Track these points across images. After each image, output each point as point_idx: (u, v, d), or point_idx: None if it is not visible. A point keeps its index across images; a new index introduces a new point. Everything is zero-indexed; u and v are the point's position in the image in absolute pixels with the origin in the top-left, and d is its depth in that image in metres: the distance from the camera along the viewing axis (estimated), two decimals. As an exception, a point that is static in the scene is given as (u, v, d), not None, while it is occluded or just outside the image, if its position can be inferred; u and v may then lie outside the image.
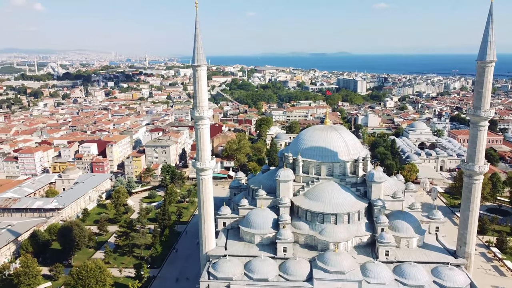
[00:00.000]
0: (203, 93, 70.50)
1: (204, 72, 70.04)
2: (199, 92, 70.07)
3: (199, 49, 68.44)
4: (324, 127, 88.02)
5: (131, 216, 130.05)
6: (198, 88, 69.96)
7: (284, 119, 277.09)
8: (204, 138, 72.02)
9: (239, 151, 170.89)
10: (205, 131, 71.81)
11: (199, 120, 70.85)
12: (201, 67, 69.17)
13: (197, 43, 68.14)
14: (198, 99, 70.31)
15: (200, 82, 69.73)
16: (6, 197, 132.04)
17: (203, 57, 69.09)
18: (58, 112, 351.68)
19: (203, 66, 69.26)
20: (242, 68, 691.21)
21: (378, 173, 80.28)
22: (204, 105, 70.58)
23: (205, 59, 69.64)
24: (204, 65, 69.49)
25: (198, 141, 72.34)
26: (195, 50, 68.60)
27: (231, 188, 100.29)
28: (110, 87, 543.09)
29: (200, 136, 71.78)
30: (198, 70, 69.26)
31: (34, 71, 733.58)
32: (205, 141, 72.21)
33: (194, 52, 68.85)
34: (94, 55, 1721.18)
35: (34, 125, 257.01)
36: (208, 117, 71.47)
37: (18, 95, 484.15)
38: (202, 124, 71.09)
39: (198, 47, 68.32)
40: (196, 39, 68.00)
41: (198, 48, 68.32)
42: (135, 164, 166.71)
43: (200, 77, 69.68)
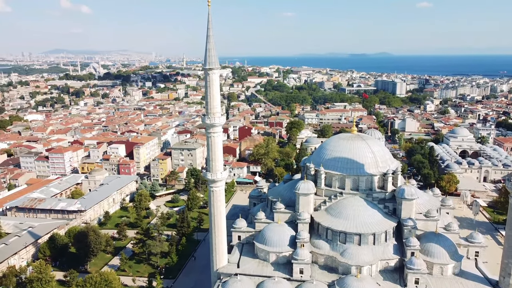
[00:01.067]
0: (215, 99, 65.31)
1: (216, 76, 64.85)
2: (211, 97, 64.97)
3: (211, 51, 63.31)
4: (350, 136, 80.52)
5: (152, 221, 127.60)
6: (210, 93, 64.87)
7: (317, 122, 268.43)
8: (216, 147, 66.78)
9: (266, 156, 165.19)
10: (216, 140, 66.55)
11: (210, 127, 65.73)
12: (213, 70, 64.03)
13: (209, 45, 63.03)
14: (209, 105, 65.22)
15: (212, 86, 64.59)
16: (32, 197, 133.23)
17: (216, 60, 63.92)
18: (95, 111, 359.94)
19: (215, 69, 64.10)
20: (278, 69, 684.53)
21: (409, 188, 71.98)
22: (216, 111, 65.40)
23: (218, 62, 64.45)
24: (216, 68, 64.30)
25: (209, 150, 67.24)
26: (206, 52, 63.54)
27: (250, 198, 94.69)
28: (147, 87, 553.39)
29: (212, 145, 66.61)
30: (210, 74, 64.16)
31: (77, 71, 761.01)
32: (216, 151, 66.97)
33: (205, 55, 63.80)
34: (135, 56, 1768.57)
35: (70, 124, 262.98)
36: (220, 125, 66.21)
37: (61, 94, 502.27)
38: (214, 132, 65.89)
39: (210, 49, 63.19)
40: (208, 41, 62.89)
41: (210, 50, 63.21)
42: (161, 167, 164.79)
43: (212, 82, 64.54)
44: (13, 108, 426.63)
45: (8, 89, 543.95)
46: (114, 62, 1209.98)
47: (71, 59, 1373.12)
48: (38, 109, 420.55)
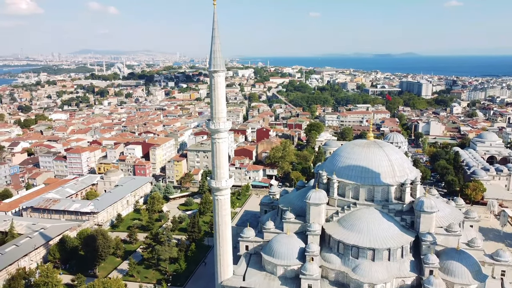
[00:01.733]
0: (221, 103, 62.07)
1: (222, 79, 61.61)
2: (216, 101, 61.77)
3: (216, 53, 60.13)
4: (365, 142, 75.82)
5: (164, 224, 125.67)
6: (215, 97, 61.68)
7: (338, 124, 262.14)
8: (221, 154, 63.53)
9: (283, 159, 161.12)
10: (221, 146, 63.27)
11: (215, 133, 62.53)
12: (218, 73, 60.82)
13: (214, 46, 59.86)
14: (214, 110, 62.05)
15: (217, 90, 61.39)
16: (47, 198, 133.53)
17: (221, 62, 60.70)
18: (117, 111, 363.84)
19: (220, 72, 60.87)
20: (301, 69, 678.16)
21: (429, 201, 66.86)
22: (221, 116, 62.15)
23: (223, 64, 61.23)
24: (222, 71, 61.06)
25: (214, 157, 64.07)
26: (211, 54, 60.43)
27: (261, 205, 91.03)
28: (170, 87, 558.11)
29: (216, 152, 63.41)
30: (215, 77, 61.01)
31: (102, 71, 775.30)
32: (221, 157, 63.72)
33: (210, 56, 60.72)
34: (160, 56, 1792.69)
35: (91, 124, 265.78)
36: (225, 130, 62.91)
37: (86, 94, 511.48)
38: (219, 138, 62.65)
39: (215, 51, 60.01)
40: (213, 42, 59.75)
41: (215, 51, 60.04)
42: (176, 169, 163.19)
43: (217, 85, 61.34)
44: (40, 107, 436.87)
45: (36, 88, 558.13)
46: (139, 62, 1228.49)
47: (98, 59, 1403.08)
48: (63, 108, 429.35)
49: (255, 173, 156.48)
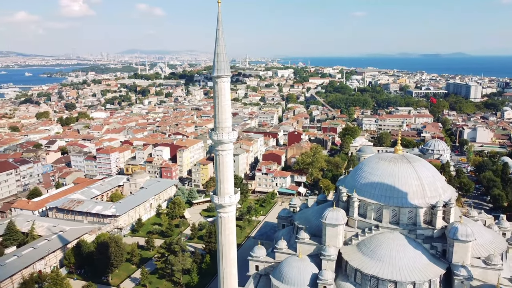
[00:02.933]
0: (225, 111, 56.15)
1: (226, 84, 55.68)
2: (219, 109, 55.97)
3: (221, 56, 54.21)
4: (392, 156, 67.25)
5: (184, 231, 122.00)
6: (219, 104, 55.86)
7: (375, 128, 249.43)
8: (224, 167, 57.62)
9: (312, 165, 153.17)
10: (225, 159, 57.33)
11: (218, 144, 56.71)
12: (222, 78, 54.86)
13: (218, 48, 53.98)
14: (218, 119, 56.23)
15: (221, 97, 55.52)
16: (72, 199, 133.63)
17: (226, 66, 54.74)
18: (155, 110, 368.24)
19: (224, 77, 54.89)
20: (342, 69, 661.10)
21: (464, 227, 57.64)
22: (225, 126, 56.19)
23: (228, 69, 55.24)
24: (226, 76, 55.07)
25: (217, 171, 58.29)
26: (215, 57, 54.61)
27: (279, 219, 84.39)
28: (209, 87, 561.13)
29: (220, 165, 57.59)
30: (218, 82, 55.12)
31: (145, 70, 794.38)
32: (225, 171, 57.82)
33: (214, 60, 54.95)
34: (203, 56, 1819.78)
35: (127, 124, 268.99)
36: (230, 142, 56.89)
37: (128, 93, 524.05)
38: (222, 150, 56.74)
39: (219, 54, 54.11)
40: (217, 43, 53.88)
41: (219, 54, 54.15)
42: (202, 172, 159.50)
43: (221, 91, 55.43)
44: (85, 105, 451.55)
45: (83, 87, 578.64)
46: (182, 62, 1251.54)
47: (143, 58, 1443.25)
48: (106, 107, 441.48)
49: (282, 180, 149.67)
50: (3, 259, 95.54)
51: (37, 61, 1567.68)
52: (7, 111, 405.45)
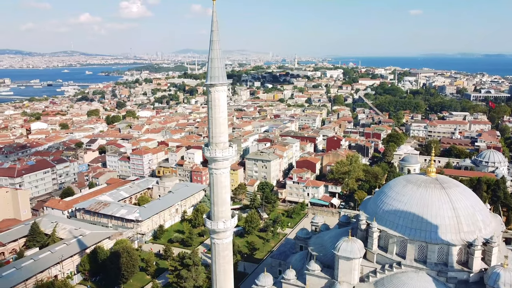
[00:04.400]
0: (219, 124, 49.13)
1: (221, 94, 48.61)
2: (213, 122, 49.06)
3: (215, 62, 47.31)
4: (423, 180, 56.89)
5: (206, 240, 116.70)
6: (212, 116, 48.96)
7: (424, 135, 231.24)
8: (219, 189, 50.56)
9: (348, 175, 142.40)
10: (220, 179, 50.23)
11: (211, 162, 49.85)
12: (216, 87, 47.87)
13: (212, 53, 47.15)
14: (212, 133, 49.37)
15: (214, 108, 48.56)
16: (99, 201, 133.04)
17: (221, 73, 47.70)
18: (198, 110, 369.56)
19: (218, 86, 47.86)
20: (395, 70, 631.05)
21: (509, 275, 46.58)
22: (219, 141, 49.16)
23: (224, 76, 48.21)
24: (221, 84, 48.03)
25: (211, 192, 51.50)
26: (208, 62, 47.82)
27: (297, 239, 76.22)
28: (256, 87, 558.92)
29: (213, 185, 50.68)
30: (212, 92, 48.24)
31: (194, 70, 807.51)
32: (220, 193, 50.75)
33: (207, 66, 48.18)
34: (253, 55, 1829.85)
35: (169, 123, 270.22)
36: (225, 159, 49.76)
37: (177, 92, 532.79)
38: (216, 168, 49.76)
39: (214, 59, 47.24)
40: (211, 47, 47.08)
41: (213, 60, 47.29)
42: (232, 178, 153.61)
43: (215, 102, 48.45)
44: (135, 104, 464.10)
45: (135, 85, 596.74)
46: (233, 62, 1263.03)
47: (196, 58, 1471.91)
48: (154, 106, 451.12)
49: (314, 190, 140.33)
50: (20, 262, 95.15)
51: (97, 60, 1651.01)
52: (63, 108, 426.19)
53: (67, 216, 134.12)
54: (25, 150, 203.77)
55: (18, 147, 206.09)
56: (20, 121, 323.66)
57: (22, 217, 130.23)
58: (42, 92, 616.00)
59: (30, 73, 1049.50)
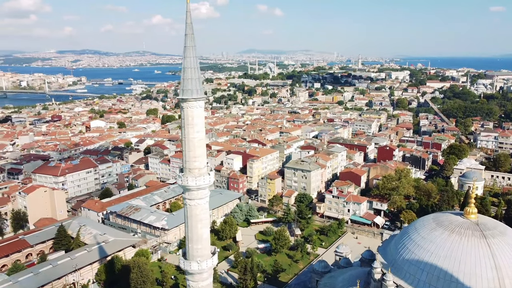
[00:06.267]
0: (194, 147, 41.07)
1: (196, 111, 40.55)
2: (186, 144, 41.17)
3: (189, 72, 39.40)
4: (459, 222, 44.34)
5: (231, 256, 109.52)
6: (186, 136, 41.08)
7: (494, 147, 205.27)
8: (193, 223, 42.54)
9: (396, 191, 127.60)
10: (195, 212, 42.19)
11: (185, 191, 41.96)
12: (189, 102, 39.85)
13: (186, 62, 39.26)
14: (185, 157, 41.50)
15: (187, 127, 40.64)
16: (131, 205, 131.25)
17: (196, 86, 39.66)
18: (252, 111, 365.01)
19: (191, 101, 39.80)
20: (468, 72, 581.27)
21: None
22: (194, 167, 41.10)
23: (200, 90, 40.13)
24: (194, 99, 39.93)
25: (186, 226, 43.64)
26: (182, 73, 39.93)
27: (313, 273, 66.05)
28: (315, 88, 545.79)
29: (188, 218, 42.81)
30: (184, 108, 40.36)
31: (255, 70, 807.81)
32: (194, 228, 42.77)
33: (182, 78, 40.29)
34: (317, 56, 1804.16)
35: (218, 125, 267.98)
36: (200, 188, 41.61)
37: (236, 92, 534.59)
38: (190, 199, 41.83)
39: (187, 68, 39.36)
40: (185, 54, 39.22)
41: (186, 70, 39.42)
42: (269, 187, 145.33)
43: (188, 119, 40.51)
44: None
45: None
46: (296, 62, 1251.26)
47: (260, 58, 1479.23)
48: (213, 106, 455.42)
49: (356, 206, 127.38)
50: (39, 267, 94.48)
51: (166, 60, 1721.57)
52: (129, 106, 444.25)
53: (101, 218, 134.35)
54: (77, 148, 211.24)
55: (72, 145, 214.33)
56: (85, 118, 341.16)
57: (58, 217, 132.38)
58: (113, 90, 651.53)
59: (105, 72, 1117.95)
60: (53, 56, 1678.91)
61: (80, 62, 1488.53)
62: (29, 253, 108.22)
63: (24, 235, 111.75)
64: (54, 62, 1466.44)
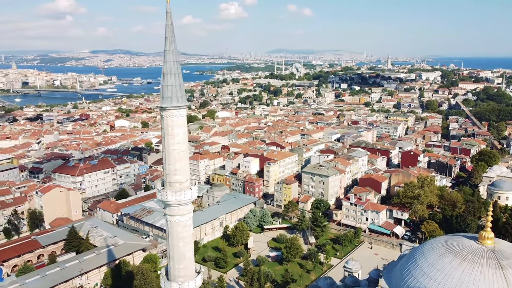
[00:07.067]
0: (174, 159, 37.92)
1: (176, 120, 37.36)
2: (167, 156, 38.07)
3: (168, 78, 36.31)
4: (474, 249, 39.22)
5: (240, 263, 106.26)
6: (166, 148, 37.97)
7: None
8: (175, 240, 39.39)
9: (418, 200, 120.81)
10: (176, 229, 39.03)
11: (166, 207, 38.88)
12: (169, 111, 36.73)
13: (166, 67, 36.24)
14: (165, 170, 38.41)
15: (167, 138, 37.54)
16: (144, 207, 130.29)
17: (177, 93, 36.50)
18: (275, 112, 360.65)
19: (171, 109, 36.65)
20: (504, 73, 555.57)
21: None
22: (175, 181, 37.95)
23: (181, 97, 36.91)
24: (174, 107, 36.76)
25: (167, 243, 40.54)
26: (162, 79, 36.88)
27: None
28: (342, 89, 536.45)
29: (169, 235, 39.74)
30: (164, 117, 37.26)
31: (281, 70, 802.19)
32: (176, 246, 39.59)
33: (161, 84, 37.26)
34: (347, 56, 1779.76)
35: (239, 126, 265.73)
36: (181, 204, 38.40)
37: (261, 92, 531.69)
38: (171, 215, 38.71)
39: (166, 75, 36.24)
40: (165, 59, 36.17)
41: (166, 75, 36.38)
42: (285, 192, 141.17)
43: (168, 129, 37.38)
44: (220, 103, 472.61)
45: (222, 85, 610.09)
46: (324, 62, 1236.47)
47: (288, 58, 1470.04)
48: (237, 106, 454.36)
49: (375, 214, 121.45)
50: (47, 269, 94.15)
51: (194, 60, 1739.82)
52: (155, 106, 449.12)
53: (116, 220, 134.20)
54: (99, 148, 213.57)
55: (94, 144, 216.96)
56: (112, 117, 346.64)
57: (73, 217, 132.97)
58: (142, 90, 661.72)
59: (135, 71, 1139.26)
60: (87, 56, 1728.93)
61: (111, 62, 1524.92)
62: (40, 254, 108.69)
63: (37, 236, 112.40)
64: (87, 62, 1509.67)
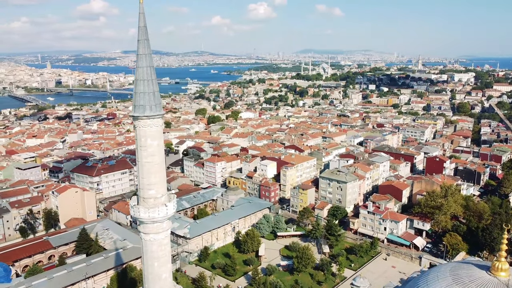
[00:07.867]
0: (148, 173, 34.99)
1: (149, 130, 34.38)
2: (140, 169, 35.19)
3: (141, 85, 33.44)
4: (485, 281, 34.33)
5: (250, 272, 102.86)
6: (139, 160, 35.10)
7: None
8: (149, 260, 36.44)
9: (440, 210, 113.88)
10: (151, 248, 36.06)
11: (139, 224, 36.04)
12: (141, 120, 33.82)
13: (138, 73, 33.35)
14: (139, 184, 35.52)
15: (140, 150, 34.65)
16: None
17: (149, 101, 33.57)
18: (299, 114, 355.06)
19: (143, 119, 33.72)
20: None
21: None
22: (149, 196, 35.03)
23: (156, 106, 33.98)
24: (147, 117, 33.80)
25: (142, 263, 37.65)
26: (135, 86, 34.02)
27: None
28: (369, 90, 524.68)
29: (143, 254, 36.80)
30: (137, 127, 34.38)
31: (307, 70, 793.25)
32: (150, 266, 36.59)
33: (134, 91, 34.37)
34: (376, 56, 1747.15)
35: (261, 127, 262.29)
36: (155, 222, 35.40)
37: (287, 93, 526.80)
38: (145, 233, 35.79)
39: (140, 81, 33.36)
40: (138, 64, 33.26)
41: (139, 82, 33.46)
42: (301, 198, 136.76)
43: (140, 140, 34.47)
44: (245, 103, 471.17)
45: (248, 85, 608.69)
46: (353, 62, 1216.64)
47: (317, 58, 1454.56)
48: (262, 106, 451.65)
49: (394, 224, 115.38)
50: (55, 271, 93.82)
51: (222, 60, 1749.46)
52: (181, 106, 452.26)
53: (129, 221, 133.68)
54: (120, 148, 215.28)
55: (115, 144, 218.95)
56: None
57: (87, 218, 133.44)
58: (169, 89, 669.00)
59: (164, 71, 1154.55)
60: (118, 56, 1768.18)
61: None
62: (52, 255, 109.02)
63: (49, 236, 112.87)
64: (118, 62, 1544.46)
